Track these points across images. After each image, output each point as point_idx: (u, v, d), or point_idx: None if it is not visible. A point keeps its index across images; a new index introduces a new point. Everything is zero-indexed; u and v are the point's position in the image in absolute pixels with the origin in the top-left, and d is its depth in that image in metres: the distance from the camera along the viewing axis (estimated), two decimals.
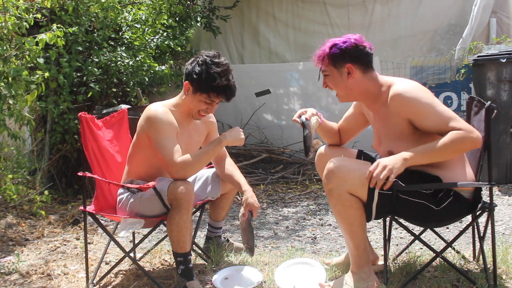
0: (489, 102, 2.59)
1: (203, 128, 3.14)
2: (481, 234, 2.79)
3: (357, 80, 2.65)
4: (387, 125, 2.66)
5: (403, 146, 2.55)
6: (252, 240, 2.95)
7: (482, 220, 3.05)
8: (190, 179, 2.95)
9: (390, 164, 2.40)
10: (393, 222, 3.02)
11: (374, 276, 2.64)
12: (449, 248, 3.24)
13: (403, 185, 2.44)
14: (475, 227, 2.90)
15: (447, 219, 2.66)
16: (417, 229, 3.32)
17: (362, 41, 2.67)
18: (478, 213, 2.64)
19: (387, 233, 2.72)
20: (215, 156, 3.09)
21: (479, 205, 2.60)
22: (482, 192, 2.66)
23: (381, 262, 2.91)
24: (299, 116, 2.84)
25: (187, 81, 2.92)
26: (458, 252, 3.13)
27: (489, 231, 2.74)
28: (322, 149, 3.01)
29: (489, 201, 2.64)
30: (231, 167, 3.19)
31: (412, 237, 3.04)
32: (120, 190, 3.04)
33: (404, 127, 2.57)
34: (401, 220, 2.73)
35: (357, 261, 2.64)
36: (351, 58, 2.63)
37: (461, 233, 2.66)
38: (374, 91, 2.66)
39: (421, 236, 3.57)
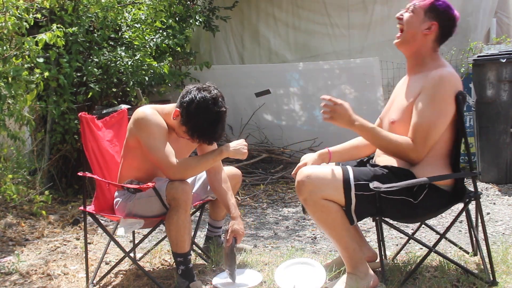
0: (458, 90, 2.64)
1: None
2: (474, 225, 2.83)
3: (426, 39, 2.65)
4: (406, 94, 2.67)
5: (405, 119, 2.59)
6: (234, 266, 2.94)
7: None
8: (189, 180, 2.95)
9: (342, 112, 2.58)
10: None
11: (372, 274, 2.63)
12: (450, 248, 3.24)
13: (382, 186, 2.47)
14: (469, 221, 2.91)
15: (430, 211, 2.66)
16: (411, 228, 3.33)
17: (458, 15, 2.69)
18: (466, 201, 2.67)
19: (379, 234, 2.73)
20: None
21: (464, 195, 2.64)
22: (466, 181, 2.70)
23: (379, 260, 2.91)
24: (297, 172, 2.75)
25: (178, 110, 2.82)
26: (453, 243, 3.14)
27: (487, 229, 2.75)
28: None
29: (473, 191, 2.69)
30: (225, 185, 3.12)
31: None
32: (116, 193, 3.03)
33: (411, 103, 2.59)
34: (395, 222, 2.75)
35: (350, 262, 2.63)
36: (442, 21, 2.63)
37: (452, 223, 2.70)
38: (427, 60, 2.66)
39: (421, 236, 3.59)
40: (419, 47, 2.66)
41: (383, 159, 2.71)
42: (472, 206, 2.79)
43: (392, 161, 2.65)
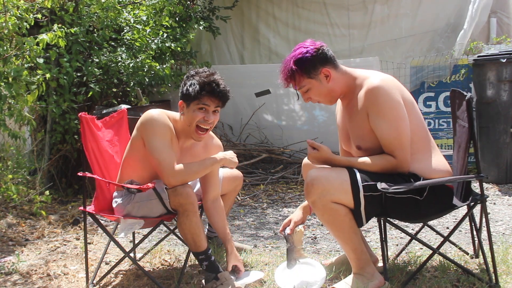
0: (469, 94, 2.64)
1: (203, 153, 3.04)
2: (477, 227, 2.81)
3: (335, 79, 2.68)
4: (353, 119, 2.68)
5: (368, 142, 2.61)
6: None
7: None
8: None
9: (316, 157, 2.65)
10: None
11: (378, 275, 2.64)
12: (450, 248, 3.24)
13: (388, 187, 2.46)
14: (472, 223, 2.90)
15: (435, 210, 2.66)
16: (414, 229, 3.33)
17: (316, 43, 2.70)
18: (471, 204, 2.66)
19: (383, 234, 2.73)
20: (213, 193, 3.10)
21: (470, 198, 2.63)
22: (474, 185, 2.68)
23: (381, 263, 2.91)
24: (284, 229, 2.94)
25: (180, 100, 2.88)
26: (455, 245, 3.12)
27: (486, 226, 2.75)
28: (306, 159, 3.01)
29: (480, 193, 2.67)
30: (222, 214, 3.11)
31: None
32: (115, 194, 3.03)
33: (366, 124, 2.60)
34: (397, 222, 2.74)
35: (357, 263, 2.64)
36: (321, 62, 2.65)
37: (456, 225, 2.68)
38: (350, 83, 2.69)
39: (421, 236, 3.59)
40: (339, 88, 2.70)
41: None
42: (475, 207, 2.76)
43: None
